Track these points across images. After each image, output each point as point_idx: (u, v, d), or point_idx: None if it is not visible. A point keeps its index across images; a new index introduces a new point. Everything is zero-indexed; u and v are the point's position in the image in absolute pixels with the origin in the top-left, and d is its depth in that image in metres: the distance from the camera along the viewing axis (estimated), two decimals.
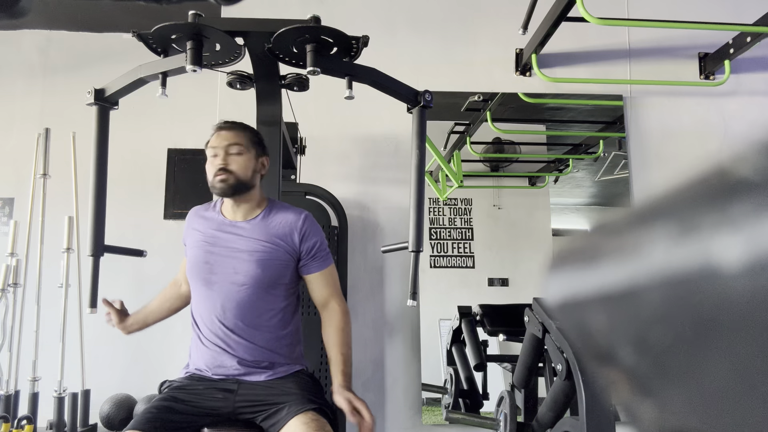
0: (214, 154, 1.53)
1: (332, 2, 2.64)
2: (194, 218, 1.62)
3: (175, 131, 3.35)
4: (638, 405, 0.19)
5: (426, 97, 1.69)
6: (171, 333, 3.09)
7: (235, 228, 1.55)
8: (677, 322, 0.16)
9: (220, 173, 1.49)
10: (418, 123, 1.70)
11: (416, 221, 1.65)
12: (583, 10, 2.05)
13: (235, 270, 1.49)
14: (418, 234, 1.65)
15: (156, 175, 3.32)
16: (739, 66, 2.76)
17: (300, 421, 1.35)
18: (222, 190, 1.50)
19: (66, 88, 3.22)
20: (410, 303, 1.63)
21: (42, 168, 2.69)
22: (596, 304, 0.21)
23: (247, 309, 1.49)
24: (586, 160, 2.80)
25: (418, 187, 1.67)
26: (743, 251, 0.14)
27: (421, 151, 1.68)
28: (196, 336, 1.55)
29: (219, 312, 1.49)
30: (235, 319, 1.49)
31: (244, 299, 1.48)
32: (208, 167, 1.54)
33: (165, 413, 1.40)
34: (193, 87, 3.31)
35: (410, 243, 1.64)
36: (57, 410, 2.46)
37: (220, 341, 1.49)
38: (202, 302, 1.52)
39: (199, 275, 1.52)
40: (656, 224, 0.17)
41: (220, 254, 1.51)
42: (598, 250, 0.21)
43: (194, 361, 1.55)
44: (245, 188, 1.52)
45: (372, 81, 1.61)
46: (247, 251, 1.50)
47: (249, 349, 1.49)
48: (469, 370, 2.44)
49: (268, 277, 1.50)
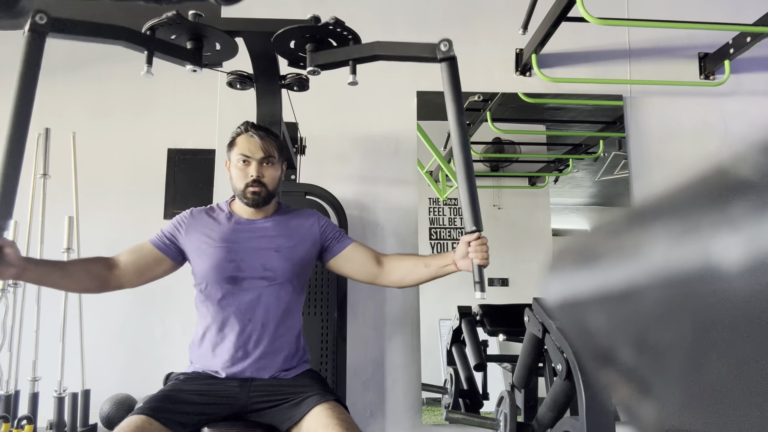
0: (247, 162, 1.53)
1: (332, 2, 2.64)
2: (197, 220, 1.58)
3: (175, 131, 3.35)
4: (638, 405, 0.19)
5: (442, 48, 1.46)
6: (171, 333, 3.09)
7: (254, 226, 1.56)
8: (677, 322, 0.16)
9: (254, 185, 1.52)
10: (446, 78, 1.45)
11: (471, 201, 1.39)
12: (583, 10, 2.05)
13: (264, 266, 1.51)
14: (475, 214, 1.40)
15: (156, 175, 3.32)
16: (739, 66, 2.76)
17: (323, 407, 1.36)
18: (254, 201, 1.53)
19: (66, 88, 3.23)
20: (479, 296, 1.38)
21: (42, 168, 2.69)
22: (596, 304, 0.21)
23: (274, 302, 1.51)
24: (586, 160, 2.80)
25: (465, 162, 1.40)
26: (743, 251, 0.14)
27: (461, 115, 1.42)
28: (212, 335, 1.51)
29: (244, 306, 1.49)
30: (262, 312, 1.49)
31: (273, 293, 1.50)
32: (237, 173, 1.53)
33: (171, 402, 1.38)
34: (193, 87, 3.31)
35: (467, 224, 1.41)
36: (57, 410, 2.46)
37: (240, 340, 1.48)
38: (227, 300, 1.50)
39: (224, 274, 1.49)
40: (656, 224, 0.17)
41: (246, 252, 1.52)
42: (598, 250, 0.21)
43: (204, 362, 1.51)
44: (272, 198, 1.57)
45: (375, 55, 1.51)
46: (273, 248, 1.53)
47: (270, 344, 1.49)
48: (469, 370, 2.44)
49: (295, 272, 1.54)
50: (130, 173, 3.29)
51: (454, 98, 1.44)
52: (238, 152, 1.53)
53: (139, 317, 3.10)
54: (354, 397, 2.43)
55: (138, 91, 3.35)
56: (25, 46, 1.33)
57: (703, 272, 0.15)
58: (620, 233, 0.20)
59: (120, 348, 3.06)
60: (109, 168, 3.28)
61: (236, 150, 1.54)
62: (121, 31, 1.42)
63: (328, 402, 1.38)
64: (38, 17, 1.30)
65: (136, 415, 1.30)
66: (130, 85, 3.34)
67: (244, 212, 1.58)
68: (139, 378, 2.87)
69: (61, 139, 2.83)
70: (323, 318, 2.24)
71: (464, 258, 1.43)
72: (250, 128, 1.56)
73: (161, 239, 1.56)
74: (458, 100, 1.44)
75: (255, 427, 1.42)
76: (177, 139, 3.35)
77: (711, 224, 0.15)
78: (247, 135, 1.55)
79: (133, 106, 3.36)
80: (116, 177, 3.27)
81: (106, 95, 3.35)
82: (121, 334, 3.08)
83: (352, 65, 1.51)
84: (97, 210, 3.08)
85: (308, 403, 1.39)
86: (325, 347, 2.21)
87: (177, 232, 1.57)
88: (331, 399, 1.40)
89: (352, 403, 2.37)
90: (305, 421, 1.37)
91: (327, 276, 2.27)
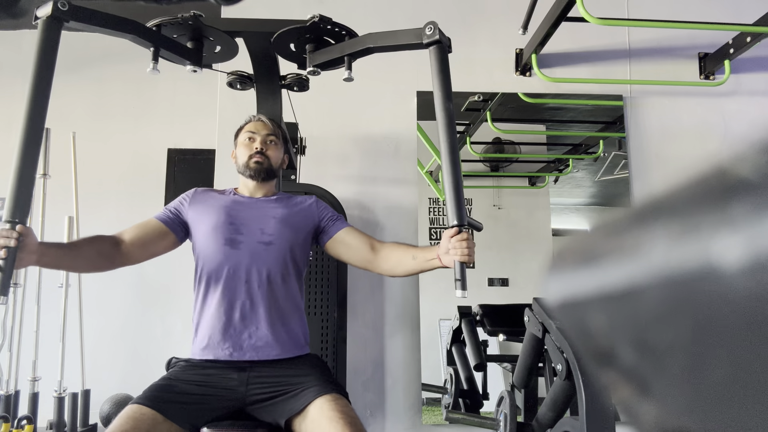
0: (252, 138, 1.63)
1: (332, 2, 2.65)
2: (202, 195, 1.64)
3: (175, 131, 3.35)
4: (638, 405, 0.19)
5: (426, 32, 1.41)
6: (171, 333, 3.09)
7: (256, 202, 1.62)
8: (677, 322, 0.16)
9: (258, 155, 1.60)
10: (433, 63, 1.39)
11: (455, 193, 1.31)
12: (583, 10, 2.05)
13: (262, 230, 1.55)
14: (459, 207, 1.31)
15: (156, 175, 3.32)
16: (739, 66, 2.76)
17: (327, 399, 1.35)
18: (256, 170, 1.60)
19: (66, 88, 3.22)
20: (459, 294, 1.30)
21: (42, 168, 2.69)
22: (596, 304, 0.21)
23: (273, 268, 1.52)
24: (586, 160, 2.80)
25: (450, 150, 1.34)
26: (743, 251, 0.14)
27: (447, 101, 1.36)
28: (208, 304, 1.51)
29: (243, 272, 1.50)
30: (259, 278, 1.51)
31: (271, 257, 1.53)
32: (243, 149, 1.63)
33: (168, 392, 1.38)
34: (193, 87, 3.31)
35: (450, 217, 1.33)
36: (57, 410, 2.46)
37: (239, 303, 1.49)
38: (225, 262, 1.51)
39: (223, 235, 1.53)
40: (656, 224, 0.17)
41: (246, 216, 1.56)
42: (598, 250, 0.21)
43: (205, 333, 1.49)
44: (273, 175, 1.65)
45: (367, 48, 1.50)
46: (272, 215, 1.58)
47: (268, 312, 1.49)
48: (469, 370, 2.44)
49: (293, 238, 1.56)
50: (130, 173, 3.29)
51: (441, 84, 1.38)
52: (245, 131, 1.64)
53: (139, 317, 3.10)
54: (354, 397, 2.43)
55: (138, 92, 3.36)
56: (42, 32, 1.34)
57: (703, 272, 0.15)
58: (620, 233, 0.20)
59: (120, 348, 3.06)
60: (109, 168, 3.28)
61: (243, 132, 1.65)
62: (133, 25, 1.44)
63: (331, 394, 1.38)
64: (60, 3, 1.33)
65: (130, 405, 1.31)
66: (130, 85, 3.34)
67: (246, 191, 1.65)
68: (139, 378, 2.86)
69: (61, 139, 2.83)
70: (323, 318, 2.24)
71: (448, 253, 1.36)
72: (258, 116, 1.68)
73: (166, 213, 1.61)
74: (445, 86, 1.39)
75: (256, 427, 1.41)
76: (177, 139, 3.35)
77: (711, 224, 0.15)
78: (255, 121, 1.66)
79: (133, 107, 3.36)
80: (116, 177, 3.27)
81: (106, 95, 3.35)
82: (121, 334, 3.08)
83: (347, 61, 1.52)
84: (97, 210, 3.08)
85: (309, 394, 1.38)
86: (325, 347, 2.21)
87: (181, 205, 1.63)
88: (333, 391, 1.40)
89: (352, 403, 2.37)
90: (308, 413, 1.35)
91: (327, 276, 2.27)
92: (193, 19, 1.47)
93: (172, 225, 1.58)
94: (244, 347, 1.47)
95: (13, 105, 3.04)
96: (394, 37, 1.47)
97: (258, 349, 1.47)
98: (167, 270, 2.84)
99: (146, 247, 1.54)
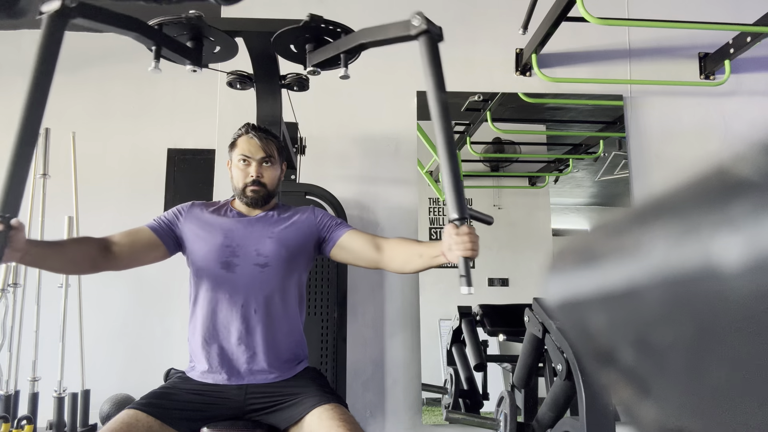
0: (247, 163, 1.55)
1: (332, 2, 2.65)
2: (197, 210, 1.60)
3: (175, 131, 3.36)
4: (638, 405, 0.19)
5: (414, 23, 1.35)
6: (171, 333, 3.09)
7: (253, 221, 1.58)
8: (677, 322, 0.16)
9: (254, 185, 1.54)
10: (423, 54, 1.34)
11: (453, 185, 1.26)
12: (583, 10, 2.05)
13: (258, 252, 1.51)
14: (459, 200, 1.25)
15: (156, 175, 3.32)
16: (739, 66, 2.76)
17: (325, 408, 1.35)
18: (253, 200, 1.55)
19: (66, 88, 3.23)
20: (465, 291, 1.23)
21: (42, 168, 2.69)
22: (596, 304, 0.21)
23: (269, 291, 1.49)
24: (586, 160, 2.80)
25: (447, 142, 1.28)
26: (743, 251, 0.14)
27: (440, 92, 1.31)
28: (203, 329, 1.48)
29: (239, 296, 1.48)
30: (256, 303, 1.48)
31: (267, 280, 1.49)
32: (238, 173, 1.56)
33: (166, 399, 1.38)
34: (193, 87, 3.31)
35: (449, 210, 1.28)
36: (57, 410, 2.46)
37: (234, 329, 1.46)
38: (220, 287, 1.49)
39: (219, 258, 1.49)
40: (656, 224, 0.17)
41: (242, 238, 1.52)
42: (599, 250, 0.21)
43: (201, 358, 1.48)
44: (271, 198, 1.60)
45: (361, 44, 1.48)
46: (267, 236, 1.53)
47: (265, 338, 1.47)
48: (469, 370, 2.44)
49: (288, 257, 1.52)
50: (130, 173, 3.29)
51: (433, 74, 1.32)
52: (239, 153, 1.56)
53: (139, 317, 3.10)
54: (354, 397, 2.43)
55: (138, 92, 3.36)
56: (46, 28, 1.31)
57: (703, 272, 0.15)
58: (620, 233, 0.20)
59: (119, 348, 3.06)
60: (109, 168, 3.28)
61: (237, 151, 1.57)
62: (137, 23, 1.43)
63: (329, 403, 1.37)
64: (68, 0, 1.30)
65: (126, 411, 1.31)
66: (130, 85, 3.34)
67: (243, 209, 1.61)
68: (139, 378, 2.87)
69: (61, 139, 2.83)
70: (323, 318, 2.24)
71: (450, 250, 1.29)
72: (250, 130, 1.58)
73: (159, 224, 1.55)
74: (437, 77, 1.33)
75: (255, 427, 1.42)
76: (177, 139, 3.35)
77: (711, 224, 0.15)
78: (248, 136, 1.57)
79: (133, 107, 3.36)
80: (116, 177, 3.28)
81: (106, 95, 3.35)
82: (120, 334, 3.08)
83: (343, 58, 1.51)
84: (97, 210, 3.08)
85: (308, 403, 1.38)
86: (325, 347, 2.21)
87: (176, 219, 1.57)
88: (332, 400, 1.39)
89: (352, 403, 2.37)
90: (306, 421, 1.36)
91: (327, 276, 2.27)
92: (194, 19, 1.47)
93: (163, 237, 1.53)
94: (242, 372, 1.46)
95: (13, 105, 3.04)
96: (384, 31, 1.45)
97: (255, 374, 1.47)
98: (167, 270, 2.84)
99: (134, 255, 1.49)
